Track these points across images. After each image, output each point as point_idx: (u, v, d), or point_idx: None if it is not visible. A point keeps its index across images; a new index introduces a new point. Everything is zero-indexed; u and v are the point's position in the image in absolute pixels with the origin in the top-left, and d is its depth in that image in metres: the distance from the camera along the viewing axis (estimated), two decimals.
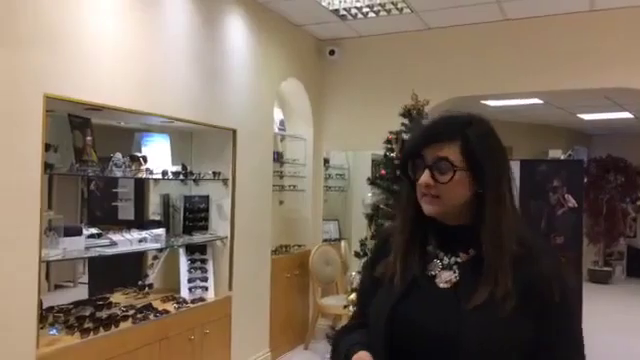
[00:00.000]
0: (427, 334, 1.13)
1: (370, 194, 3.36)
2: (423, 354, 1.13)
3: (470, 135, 1.15)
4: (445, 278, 1.18)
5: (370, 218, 3.28)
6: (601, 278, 9.13)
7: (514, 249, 1.13)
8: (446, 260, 1.20)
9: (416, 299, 1.18)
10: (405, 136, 3.30)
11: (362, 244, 3.25)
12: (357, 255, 3.32)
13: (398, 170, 3.30)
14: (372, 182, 3.38)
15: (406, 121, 3.35)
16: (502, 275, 1.11)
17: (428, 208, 1.17)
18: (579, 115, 8.40)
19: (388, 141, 3.37)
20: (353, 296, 3.21)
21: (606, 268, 9.36)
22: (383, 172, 3.38)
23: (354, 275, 3.34)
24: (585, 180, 9.15)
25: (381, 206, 3.25)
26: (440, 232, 1.21)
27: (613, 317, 6.55)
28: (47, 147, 2.73)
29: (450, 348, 1.08)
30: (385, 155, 3.41)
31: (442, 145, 1.15)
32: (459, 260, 1.19)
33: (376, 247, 1.39)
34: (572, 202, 8.72)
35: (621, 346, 5.31)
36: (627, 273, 9.68)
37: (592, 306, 1.30)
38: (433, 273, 1.20)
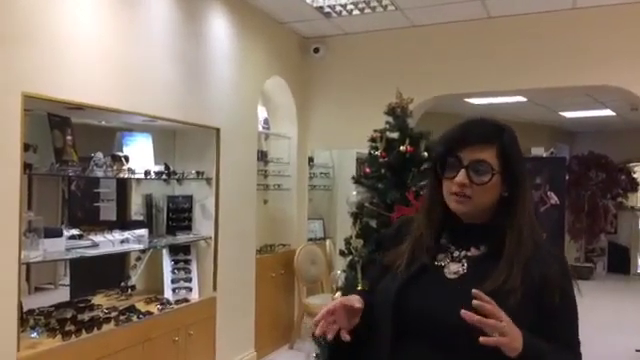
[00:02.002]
0: (431, 319, 1.18)
1: (355, 192, 3.35)
2: (426, 338, 1.19)
3: (505, 140, 1.23)
4: (453, 269, 1.24)
5: (355, 217, 3.26)
6: (582, 274, 9.24)
7: (530, 249, 1.19)
8: (456, 253, 1.26)
9: (422, 285, 1.23)
10: (390, 134, 3.29)
11: (347, 243, 3.23)
12: (342, 254, 3.30)
13: (384, 169, 3.29)
14: (357, 180, 3.36)
15: (390, 119, 3.34)
16: (516, 270, 1.16)
17: (457, 207, 1.23)
18: (561, 113, 8.49)
19: (373, 139, 3.35)
20: (338, 295, 3.20)
21: (587, 264, 9.49)
22: (368, 170, 3.36)
23: (339, 274, 3.32)
24: (567, 177, 9.29)
25: (366, 204, 3.23)
26: (455, 228, 1.27)
27: (594, 313, 6.62)
28: (26, 147, 2.68)
29: (452, 333, 1.13)
30: (370, 153, 3.39)
31: (481, 148, 1.21)
32: (469, 254, 1.25)
33: (388, 236, 1.44)
34: (554, 199, 8.85)
35: (602, 342, 5.38)
36: (608, 269, 9.82)
37: None
38: (442, 264, 1.26)
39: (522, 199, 1.23)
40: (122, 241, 3.37)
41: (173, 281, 3.89)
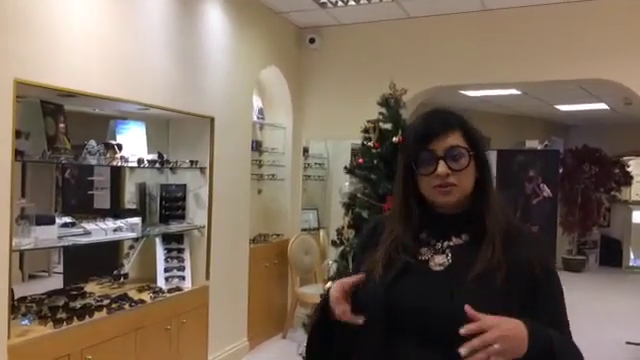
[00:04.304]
0: (424, 315, 1.16)
1: (347, 183, 3.36)
2: (419, 335, 1.17)
3: (466, 122, 1.27)
4: (438, 261, 1.23)
5: (347, 207, 3.28)
6: (575, 267, 9.30)
7: (504, 228, 1.22)
8: (438, 245, 1.25)
9: (410, 282, 1.21)
10: (383, 125, 3.30)
11: (339, 233, 3.25)
12: (334, 244, 3.32)
13: (376, 159, 3.30)
14: (349, 171, 3.37)
15: (384, 110, 3.34)
16: (498, 249, 1.18)
17: (445, 198, 1.23)
18: (556, 106, 8.51)
19: (366, 130, 3.35)
20: (329, 284, 3.21)
21: (580, 257, 9.54)
22: (361, 161, 3.37)
23: (330, 263, 3.34)
24: (561, 170, 9.32)
25: (358, 195, 3.24)
26: (434, 221, 1.27)
27: (586, 305, 6.68)
28: (18, 134, 2.67)
29: (447, 327, 1.10)
30: (363, 144, 3.40)
31: (448, 134, 1.23)
32: (451, 244, 1.24)
33: (364, 239, 1.43)
34: (547, 192, 8.88)
35: (593, 333, 5.42)
36: (600, 262, 9.88)
37: (566, 294, 1.35)
38: (426, 258, 1.24)
39: (491, 178, 1.27)
40: (115, 229, 3.37)
41: (166, 270, 3.89)
